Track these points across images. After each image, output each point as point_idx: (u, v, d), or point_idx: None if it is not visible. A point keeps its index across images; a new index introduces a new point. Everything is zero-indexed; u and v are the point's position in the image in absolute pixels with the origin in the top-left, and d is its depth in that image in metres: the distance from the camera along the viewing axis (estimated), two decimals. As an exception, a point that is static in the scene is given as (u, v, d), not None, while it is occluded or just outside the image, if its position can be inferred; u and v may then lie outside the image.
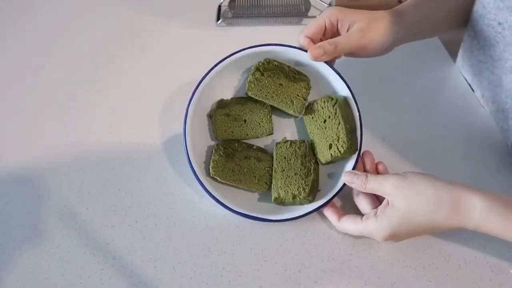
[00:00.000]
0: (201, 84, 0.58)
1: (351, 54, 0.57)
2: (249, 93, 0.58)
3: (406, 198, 0.47)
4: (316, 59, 0.54)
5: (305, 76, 0.59)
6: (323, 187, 0.56)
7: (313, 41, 0.55)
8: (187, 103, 0.57)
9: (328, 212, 0.54)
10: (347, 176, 0.53)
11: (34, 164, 0.61)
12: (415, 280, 0.51)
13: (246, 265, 0.52)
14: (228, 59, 0.58)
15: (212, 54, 0.60)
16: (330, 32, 0.57)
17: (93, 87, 0.73)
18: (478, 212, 0.45)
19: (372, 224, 0.49)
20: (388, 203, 0.49)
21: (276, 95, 0.58)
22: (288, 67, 0.59)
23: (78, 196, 0.58)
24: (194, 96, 0.58)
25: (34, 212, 0.56)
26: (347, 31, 0.56)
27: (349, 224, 0.52)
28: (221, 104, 0.60)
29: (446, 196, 0.46)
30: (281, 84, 0.59)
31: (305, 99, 0.59)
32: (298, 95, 0.59)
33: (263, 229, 0.55)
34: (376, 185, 0.50)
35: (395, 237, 0.49)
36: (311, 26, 0.56)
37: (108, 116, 0.68)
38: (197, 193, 0.58)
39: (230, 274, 0.51)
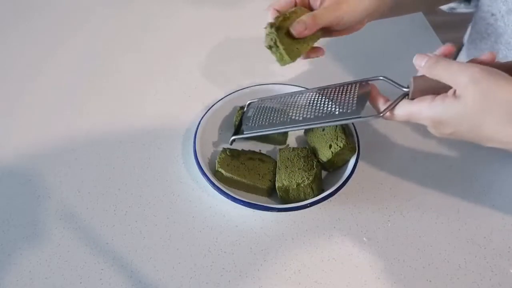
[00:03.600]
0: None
1: (327, 30, 0.54)
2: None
3: (480, 96, 0.40)
4: (299, 34, 0.50)
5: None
6: (327, 189, 0.57)
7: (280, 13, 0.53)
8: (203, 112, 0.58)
9: (375, 95, 0.50)
10: (417, 57, 0.46)
11: (34, 164, 0.61)
12: (415, 280, 0.51)
13: (246, 265, 0.52)
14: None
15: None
16: (300, 5, 0.54)
17: (93, 88, 0.73)
18: None
19: (426, 107, 0.44)
20: (454, 94, 0.42)
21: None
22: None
23: (78, 196, 0.58)
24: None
25: (34, 212, 0.56)
26: (320, 4, 0.53)
27: (399, 107, 0.47)
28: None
29: None
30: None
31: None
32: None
33: (263, 229, 0.55)
34: (447, 74, 0.42)
35: (443, 127, 0.44)
36: None
37: (108, 116, 0.68)
38: (197, 193, 0.58)
39: (230, 274, 0.51)
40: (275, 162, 0.59)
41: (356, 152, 0.57)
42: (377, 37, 0.59)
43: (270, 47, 0.52)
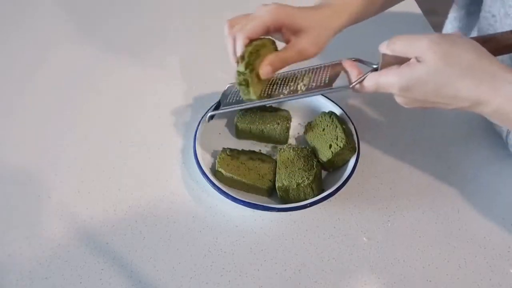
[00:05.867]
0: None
1: None
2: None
3: (441, 54, 0.42)
4: (266, 76, 0.52)
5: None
6: (327, 189, 0.57)
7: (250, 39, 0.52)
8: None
9: (349, 68, 0.52)
10: (381, 44, 0.48)
11: (34, 164, 0.61)
12: (415, 280, 0.51)
13: (246, 265, 0.52)
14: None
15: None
16: (272, 33, 0.54)
17: (93, 88, 0.72)
18: (511, 87, 0.41)
19: (392, 75, 0.45)
20: (416, 60, 0.44)
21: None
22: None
23: (78, 196, 0.58)
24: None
25: (34, 212, 0.56)
26: (291, 34, 0.53)
27: (367, 79, 0.49)
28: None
29: (485, 64, 0.42)
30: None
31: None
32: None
33: (263, 229, 0.55)
34: (407, 43, 0.45)
35: (410, 93, 0.45)
36: (254, 26, 0.51)
37: (108, 116, 0.68)
38: (197, 193, 0.58)
39: (230, 274, 0.51)
40: (275, 162, 0.59)
41: (356, 152, 0.58)
42: (377, 37, 0.59)
43: (240, 84, 0.53)
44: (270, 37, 0.55)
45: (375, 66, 0.50)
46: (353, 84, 0.50)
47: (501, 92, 0.42)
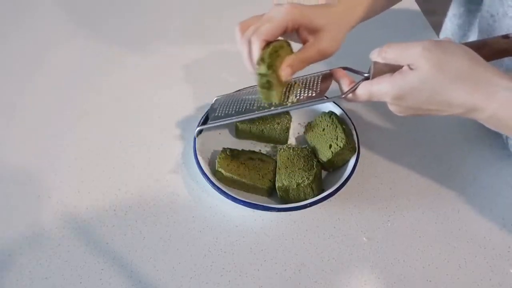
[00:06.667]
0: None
1: None
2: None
3: (434, 61, 0.42)
4: (287, 78, 0.51)
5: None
6: (327, 189, 0.57)
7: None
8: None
9: (341, 77, 0.52)
10: (372, 52, 0.48)
11: (34, 164, 0.61)
12: (415, 280, 0.51)
13: (246, 265, 0.52)
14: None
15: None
16: (288, 34, 0.53)
17: (93, 88, 0.72)
18: (506, 93, 0.41)
19: (385, 83, 0.45)
20: (408, 68, 0.44)
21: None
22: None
23: (78, 196, 0.58)
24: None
25: (34, 212, 0.56)
26: (308, 34, 0.52)
27: (359, 88, 0.48)
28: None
29: (479, 70, 0.42)
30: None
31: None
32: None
33: (263, 229, 0.55)
34: (399, 50, 0.44)
35: (403, 101, 0.45)
36: (271, 27, 0.50)
37: (108, 116, 0.68)
38: (197, 193, 0.58)
39: (230, 274, 0.51)
40: (275, 162, 0.59)
41: (356, 152, 0.58)
42: (377, 37, 0.59)
43: (262, 87, 0.51)
44: (285, 39, 0.53)
45: (366, 75, 0.50)
46: (346, 93, 0.50)
47: (496, 98, 0.42)
